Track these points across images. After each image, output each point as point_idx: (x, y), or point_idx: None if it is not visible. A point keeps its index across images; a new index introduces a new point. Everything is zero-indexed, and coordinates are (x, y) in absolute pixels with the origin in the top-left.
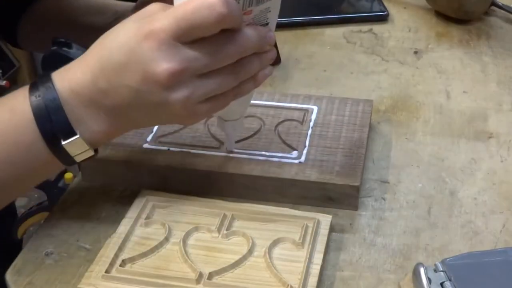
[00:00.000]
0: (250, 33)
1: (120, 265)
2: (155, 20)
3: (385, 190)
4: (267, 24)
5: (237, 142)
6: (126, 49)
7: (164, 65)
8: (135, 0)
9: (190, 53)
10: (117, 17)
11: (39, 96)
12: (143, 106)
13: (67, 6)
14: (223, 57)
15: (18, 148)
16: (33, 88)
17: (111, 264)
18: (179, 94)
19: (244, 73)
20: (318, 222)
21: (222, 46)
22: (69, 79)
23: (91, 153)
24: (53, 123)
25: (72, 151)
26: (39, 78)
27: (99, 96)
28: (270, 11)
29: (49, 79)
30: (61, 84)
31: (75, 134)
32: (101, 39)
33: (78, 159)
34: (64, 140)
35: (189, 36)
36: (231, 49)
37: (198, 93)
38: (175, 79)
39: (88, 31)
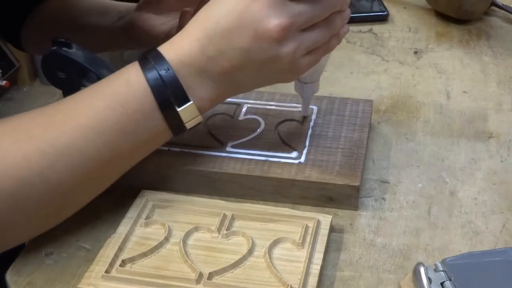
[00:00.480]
0: None
1: (120, 265)
2: None
3: (385, 190)
4: None
5: (237, 142)
6: (234, 14)
7: (275, 21)
8: (137, 0)
9: (296, 8)
10: (120, 17)
11: (152, 68)
12: (253, 65)
13: (71, 7)
14: (322, 10)
15: (138, 118)
16: (143, 62)
17: (111, 264)
18: (288, 47)
19: (333, 28)
20: (318, 222)
21: (322, 0)
22: (176, 51)
23: (200, 119)
24: (168, 92)
25: (185, 117)
26: (147, 53)
27: (209, 64)
28: None
29: (157, 52)
30: (169, 55)
31: (189, 100)
32: (205, 9)
33: (189, 125)
34: (179, 107)
35: None
36: (328, 4)
37: (303, 46)
38: (286, 33)
39: (92, 31)
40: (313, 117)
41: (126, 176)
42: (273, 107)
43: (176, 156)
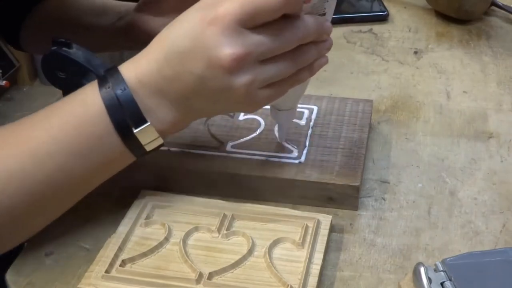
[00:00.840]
0: (309, 20)
1: (120, 265)
2: (219, 6)
3: (385, 190)
4: (324, 14)
5: (237, 142)
6: (191, 36)
7: (228, 50)
8: (137, 0)
9: (254, 38)
10: (120, 17)
11: (109, 87)
12: (207, 92)
13: (70, 7)
14: (285, 42)
15: (92, 140)
16: (102, 81)
17: (111, 264)
18: (242, 79)
19: (302, 60)
20: (318, 222)
21: (284, 31)
22: (135, 69)
23: (160, 141)
24: (124, 112)
25: (143, 139)
26: (106, 72)
27: (165, 84)
28: (327, 1)
29: (116, 71)
30: (128, 75)
31: (146, 122)
32: (165, 29)
33: (149, 148)
34: (136, 128)
35: (253, 21)
36: (292, 35)
37: (260, 79)
38: (239, 64)
39: (92, 31)
40: (313, 117)
41: (126, 176)
42: None
43: (176, 156)
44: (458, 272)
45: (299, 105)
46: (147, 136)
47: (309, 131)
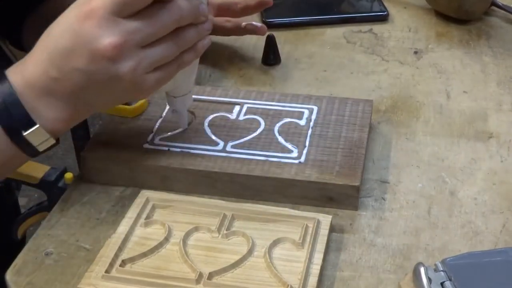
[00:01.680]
0: (183, 3)
1: (120, 265)
2: (92, 0)
3: (385, 190)
4: None
5: (237, 142)
6: (70, 33)
7: (106, 40)
8: None
9: (129, 25)
10: None
11: None
12: (96, 86)
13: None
14: (161, 26)
15: None
16: None
17: (111, 264)
18: (126, 65)
19: (183, 42)
20: (318, 222)
21: (158, 15)
22: (22, 72)
23: (52, 141)
24: (12, 116)
25: (34, 141)
26: None
27: (52, 84)
28: None
29: (2, 75)
30: (15, 78)
31: (34, 124)
32: (47, 30)
33: (41, 148)
34: (25, 131)
35: (126, 10)
36: (167, 18)
37: (144, 63)
38: (119, 51)
39: None
40: (313, 117)
41: (126, 176)
42: (273, 107)
43: (176, 156)
44: (458, 272)
45: (299, 105)
46: (38, 137)
47: (309, 131)
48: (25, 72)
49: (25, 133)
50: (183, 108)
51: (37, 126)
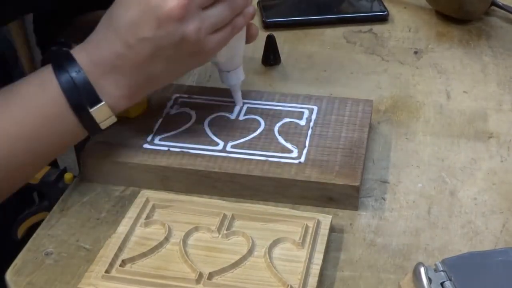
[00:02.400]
0: None
1: (120, 265)
2: None
3: (385, 190)
4: None
5: (237, 142)
6: (134, 5)
7: (172, 2)
8: None
9: None
10: None
11: (64, 71)
12: (162, 53)
13: None
14: None
15: (49, 120)
16: (56, 64)
17: (111, 264)
18: (192, 25)
19: (235, 5)
20: (318, 222)
21: None
22: (87, 51)
23: (114, 119)
24: (80, 94)
25: (98, 118)
26: (60, 55)
27: (118, 60)
28: None
29: (69, 54)
30: (81, 57)
31: (100, 101)
32: (108, 11)
33: (104, 125)
34: (91, 108)
35: None
36: None
37: (207, 23)
38: (185, 11)
39: None
40: (313, 117)
41: (126, 176)
42: (273, 107)
43: (176, 156)
44: (458, 272)
45: (299, 105)
46: (102, 115)
47: (309, 131)
48: (91, 51)
49: (91, 110)
50: (237, 82)
51: (102, 103)
